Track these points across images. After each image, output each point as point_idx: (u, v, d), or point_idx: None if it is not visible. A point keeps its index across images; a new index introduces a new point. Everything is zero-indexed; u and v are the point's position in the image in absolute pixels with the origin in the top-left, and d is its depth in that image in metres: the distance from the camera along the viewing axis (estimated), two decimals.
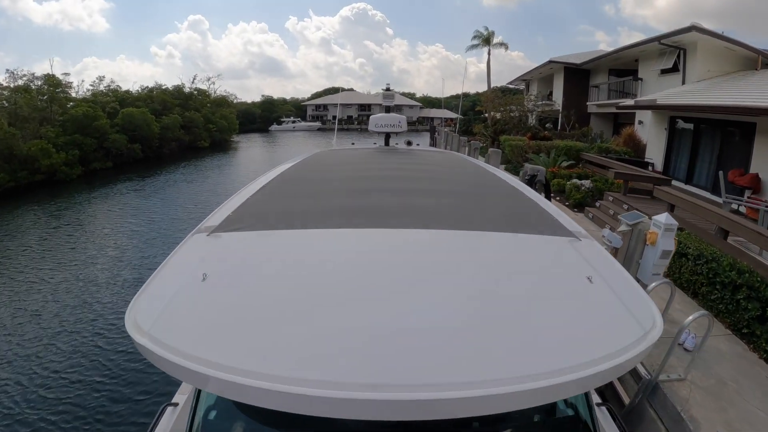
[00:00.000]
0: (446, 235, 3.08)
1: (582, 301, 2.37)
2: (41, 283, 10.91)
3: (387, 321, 2.01)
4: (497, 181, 5.15)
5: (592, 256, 2.88)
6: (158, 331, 2.00)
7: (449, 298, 2.24)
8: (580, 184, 12.50)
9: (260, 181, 4.54)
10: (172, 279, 2.52)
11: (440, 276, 2.48)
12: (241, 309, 2.16)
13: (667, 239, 4.69)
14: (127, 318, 2.17)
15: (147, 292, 2.40)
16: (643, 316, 2.24)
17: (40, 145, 23.71)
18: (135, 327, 2.08)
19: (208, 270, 2.44)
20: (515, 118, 25.34)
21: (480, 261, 2.80)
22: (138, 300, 2.32)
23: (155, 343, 1.93)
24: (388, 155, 6.80)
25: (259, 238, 3.06)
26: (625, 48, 19.92)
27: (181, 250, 2.92)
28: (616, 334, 2.08)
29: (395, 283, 2.35)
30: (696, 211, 7.62)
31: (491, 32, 42.54)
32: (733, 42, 15.10)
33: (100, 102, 34.64)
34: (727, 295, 5.77)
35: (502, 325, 2.08)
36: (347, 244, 2.94)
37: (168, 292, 2.34)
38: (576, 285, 2.50)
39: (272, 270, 2.60)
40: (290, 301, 2.20)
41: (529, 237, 3.15)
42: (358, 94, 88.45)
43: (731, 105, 10.76)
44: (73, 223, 17.04)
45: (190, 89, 50.53)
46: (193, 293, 2.32)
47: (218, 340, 1.93)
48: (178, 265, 2.69)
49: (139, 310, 2.22)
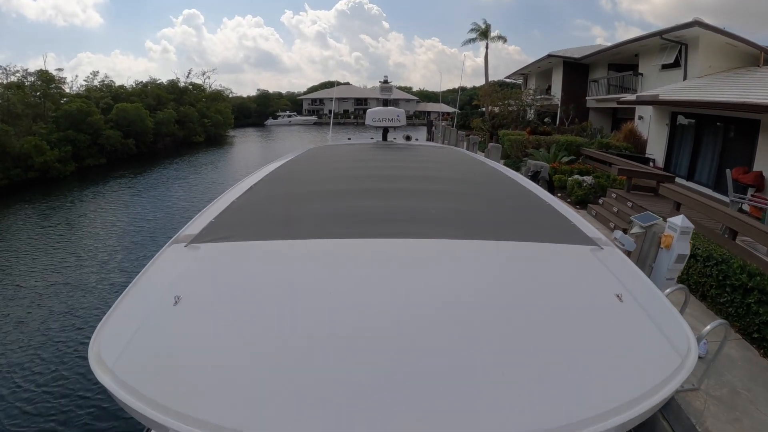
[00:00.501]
0: (454, 246, 2.79)
1: (613, 325, 2.13)
2: (28, 289, 10.51)
3: (390, 366, 1.75)
4: (505, 179, 4.86)
5: (618, 267, 2.63)
6: (123, 368, 1.75)
7: (459, 333, 1.97)
8: (581, 180, 12.32)
9: (248, 182, 4.22)
10: (142, 302, 2.23)
11: (447, 303, 2.19)
12: (217, 345, 1.88)
13: (682, 243, 4.51)
14: (90, 350, 1.89)
15: (113, 318, 2.11)
16: (678, 339, 2.03)
17: (33, 142, 23.34)
18: (98, 362, 1.81)
19: (182, 291, 2.18)
20: (513, 113, 25.14)
21: (494, 279, 2.52)
22: (103, 328, 2.03)
23: (118, 384, 1.68)
24: (387, 151, 6.49)
25: (242, 251, 2.76)
26: (625, 42, 19.74)
27: (154, 264, 2.61)
28: (653, 364, 1.87)
29: (399, 313, 2.06)
30: (704, 210, 7.47)
31: (488, 25, 42.17)
32: (735, 38, 14.93)
33: (94, 97, 34.17)
34: (738, 299, 5.63)
35: (521, 366, 1.81)
36: (346, 259, 2.63)
37: (136, 320, 2.05)
38: (604, 305, 2.25)
39: (257, 293, 2.28)
40: (275, 338, 1.91)
41: (547, 247, 2.88)
42: (354, 88, 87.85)
43: (736, 102, 10.60)
44: (62, 222, 16.67)
45: (185, 84, 49.99)
46: (163, 322, 2.04)
47: (189, 384, 1.68)
48: (150, 284, 2.39)
49: (103, 341, 1.93)
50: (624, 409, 1.60)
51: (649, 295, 2.42)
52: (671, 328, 2.12)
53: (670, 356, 1.91)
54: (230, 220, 3.19)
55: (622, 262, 2.79)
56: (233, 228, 3.03)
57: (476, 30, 42.59)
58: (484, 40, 42.20)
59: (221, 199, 3.71)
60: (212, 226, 3.05)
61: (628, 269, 2.70)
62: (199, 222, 3.13)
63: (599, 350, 1.93)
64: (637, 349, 1.98)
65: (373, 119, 8.16)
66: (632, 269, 2.74)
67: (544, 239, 2.97)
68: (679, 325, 2.17)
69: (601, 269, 2.60)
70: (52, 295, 10.23)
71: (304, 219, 3.18)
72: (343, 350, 1.83)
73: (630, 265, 2.81)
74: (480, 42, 42.56)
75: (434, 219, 3.24)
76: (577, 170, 13.71)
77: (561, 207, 3.81)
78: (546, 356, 1.86)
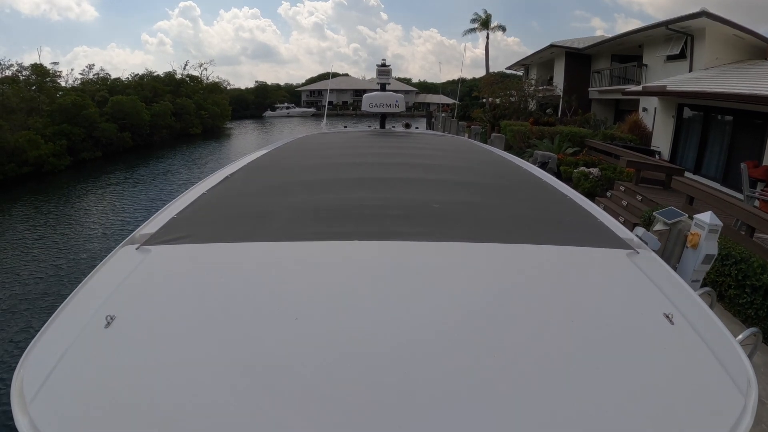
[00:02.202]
0: (464, 250, 2.29)
1: (665, 354, 1.70)
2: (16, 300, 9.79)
3: (375, 417, 1.34)
4: (517, 170, 4.35)
5: (660, 278, 2.18)
6: (39, 410, 1.35)
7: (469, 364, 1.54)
8: (588, 172, 12.05)
9: (223, 172, 3.68)
10: (75, 319, 1.77)
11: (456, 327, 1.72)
12: (150, 379, 1.47)
13: (710, 242, 4.15)
14: (13, 381, 1.50)
15: (43, 340, 1.68)
16: (738, 373, 1.61)
17: (27, 136, 22.96)
18: (18, 396, 1.42)
19: (117, 308, 1.74)
20: (515, 104, 24.80)
21: (515, 294, 2.03)
22: (30, 353, 1.62)
23: (33, 429, 1.30)
24: (384, 138, 5.97)
25: (200, 255, 2.26)
26: (630, 33, 19.43)
27: (100, 271, 2.14)
28: (713, 407, 1.49)
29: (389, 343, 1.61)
30: (719, 205, 7.22)
31: (489, 15, 41.75)
32: (743, 29, 14.65)
33: (89, 91, 33.69)
34: (758, 300, 5.43)
35: (551, 402, 1.42)
36: (322, 271, 2.11)
37: (64, 343, 1.62)
38: (651, 327, 1.81)
39: (207, 314, 1.80)
40: (226, 372, 1.48)
41: (574, 250, 2.40)
42: (352, 79, 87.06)
43: (747, 93, 10.35)
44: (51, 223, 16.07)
45: (182, 76, 49.40)
46: (91, 347, 1.61)
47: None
48: (87, 298, 1.94)
49: (28, 370, 1.53)
50: None
51: (701, 315, 1.98)
52: (729, 359, 1.70)
53: (732, 396, 1.53)
54: (193, 217, 2.70)
55: (664, 271, 2.37)
56: (194, 226, 2.54)
57: (477, 20, 42.23)
58: (484, 30, 41.83)
59: (189, 192, 3.19)
60: (171, 223, 2.56)
61: (672, 281, 2.28)
62: (159, 219, 2.66)
63: (649, 386, 1.53)
64: (694, 386, 1.58)
65: (370, 104, 7.64)
66: (677, 281, 2.32)
67: (571, 242, 2.51)
68: (736, 355, 1.75)
69: (643, 280, 2.17)
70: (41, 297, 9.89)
71: (279, 215, 2.68)
72: (314, 392, 1.41)
73: (673, 275, 2.39)
74: (480, 33, 42.21)
75: (437, 215, 2.74)
76: (582, 162, 13.44)
77: (583, 201, 3.36)
78: (577, 387, 1.49)
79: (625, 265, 2.31)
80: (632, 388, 1.50)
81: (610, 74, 21.62)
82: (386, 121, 7.86)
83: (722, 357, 1.70)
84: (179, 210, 2.77)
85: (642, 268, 2.27)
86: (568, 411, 1.38)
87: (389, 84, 8.29)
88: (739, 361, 1.71)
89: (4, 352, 7.62)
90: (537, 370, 1.54)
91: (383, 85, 8.10)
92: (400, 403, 1.36)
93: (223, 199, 3.08)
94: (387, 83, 8.17)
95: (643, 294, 2.08)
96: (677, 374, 1.63)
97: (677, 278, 2.35)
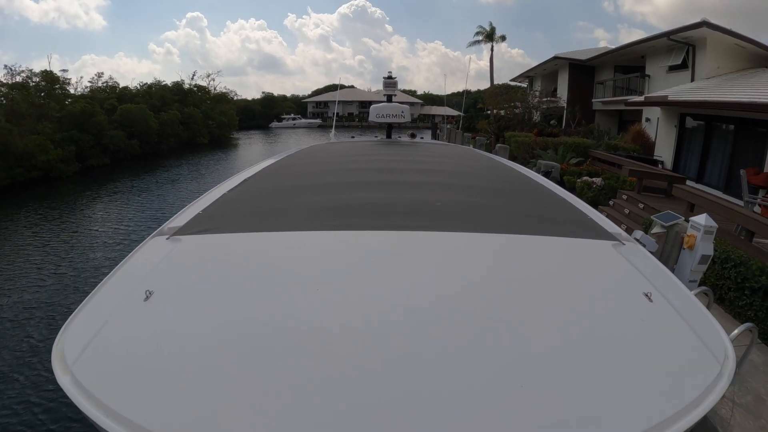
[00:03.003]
0: (463, 239, 2.52)
1: (644, 327, 1.89)
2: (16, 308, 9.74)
3: (384, 367, 1.53)
4: (517, 175, 4.61)
5: (643, 264, 2.39)
6: (82, 369, 1.56)
7: (467, 332, 1.73)
8: (591, 181, 12.15)
9: (241, 176, 4.02)
10: (113, 296, 2.02)
11: (454, 300, 1.94)
12: (187, 345, 1.68)
13: (706, 243, 4.30)
14: (54, 347, 1.71)
15: (82, 314, 1.91)
16: (714, 343, 1.80)
17: (37, 141, 23.32)
18: (60, 360, 1.62)
19: (155, 285, 1.98)
20: (519, 115, 24.97)
21: (508, 275, 2.25)
22: (71, 324, 1.84)
23: (76, 386, 1.48)
24: (391, 147, 6.25)
25: (227, 243, 2.55)
26: (632, 44, 19.57)
27: (133, 257, 2.42)
28: (691, 373, 1.65)
29: (396, 314, 1.81)
30: (719, 211, 7.25)
31: (494, 28, 42.19)
32: (744, 39, 14.73)
33: (98, 98, 34.19)
34: (757, 302, 5.43)
35: (539, 369, 1.57)
36: (338, 253, 2.38)
37: (103, 316, 1.84)
38: (633, 305, 2.00)
39: (238, 289, 2.05)
40: (253, 338, 1.70)
41: (566, 241, 2.61)
42: (358, 91, 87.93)
43: (747, 102, 10.40)
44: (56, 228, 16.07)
45: (190, 85, 50.06)
46: (131, 317, 1.85)
47: (154, 392, 1.47)
48: (125, 278, 2.19)
49: (69, 337, 1.75)
50: (667, 425, 1.39)
51: (679, 294, 2.18)
52: (705, 331, 1.90)
53: (708, 363, 1.70)
54: (217, 213, 2.99)
55: (647, 258, 2.57)
56: (218, 220, 2.83)
57: (482, 32, 42.67)
58: (489, 43, 42.24)
59: (211, 192, 3.53)
60: (198, 218, 2.85)
61: (653, 266, 2.48)
62: (185, 214, 2.95)
63: (630, 356, 1.71)
64: (672, 356, 1.76)
65: (377, 115, 7.90)
66: (658, 266, 2.52)
67: (561, 233, 2.72)
68: (713, 327, 1.95)
69: (626, 265, 2.36)
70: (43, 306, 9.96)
71: (295, 211, 2.94)
72: (330, 352, 1.61)
73: (655, 262, 2.59)
74: (484, 45, 42.64)
75: (439, 211, 2.96)
76: (586, 171, 13.53)
77: (577, 201, 3.59)
78: (568, 360, 1.64)
79: (611, 254, 2.49)
80: (615, 360, 1.65)
81: (614, 85, 21.74)
82: (392, 132, 8.05)
83: (699, 329, 1.88)
84: (203, 207, 3.06)
85: (626, 256, 2.46)
86: (557, 380, 1.52)
87: (395, 95, 8.54)
88: (715, 333, 1.89)
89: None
90: (529, 340, 1.72)
91: (389, 96, 8.35)
92: (407, 351, 1.60)
93: (244, 198, 3.37)
94: (393, 95, 8.42)
95: (625, 277, 2.26)
96: (656, 345, 1.80)
97: (658, 264, 2.54)
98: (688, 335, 1.85)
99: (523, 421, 1.36)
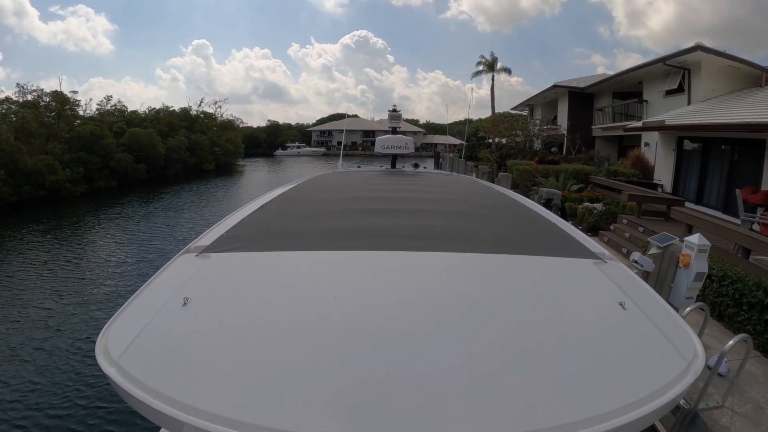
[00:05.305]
0: (457, 258, 2.86)
1: (616, 330, 2.14)
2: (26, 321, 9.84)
3: (391, 365, 1.78)
4: (512, 202, 4.93)
5: (622, 279, 2.66)
6: (128, 361, 1.79)
7: (458, 334, 2.00)
8: (592, 207, 12.31)
9: (259, 201, 4.40)
10: (152, 302, 2.31)
11: (449, 308, 2.25)
12: (224, 341, 1.98)
13: (700, 261, 4.47)
14: (98, 344, 1.95)
15: (123, 316, 2.18)
16: (684, 345, 2.03)
17: (46, 161, 23.76)
18: (104, 355, 1.87)
19: (191, 294, 2.26)
20: (521, 143, 25.34)
21: (496, 287, 2.58)
22: (112, 325, 2.10)
23: (123, 375, 1.71)
24: (395, 177, 6.63)
25: (251, 260, 2.88)
26: (629, 70, 20.02)
27: (166, 271, 2.72)
28: (657, 367, 1.86)
29: (398, 318, 2.12)
30: (716, 231, 7.32)
31: (495, 58, 43.25)
32: (737, 60, 15.11)
33: (107, 121, 34.90)
34: (755, 316, 5.45)
35: (521, 368, 1.81)
36: (347, 268, 2.73)
37: (144, 318, 2.11)
38: (607, 312, 2.27)
39: (263, 297, 2.40)
40: (283, 338, 2.00)
41: (550, 260, 2.93)
42: (362, 120, 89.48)
43: (741, 122, 10.60)
44: (64, 246, 16.33)
45: (197, 112, 51.13)
46: (172, 320, 2.12)
47: (198, 380, 1.71)
48: (161, 288, 2.50)
49: (112, 336, 2.01)
50: (624, 411, 1.55)
51: (653, 303, 2.43)
52: (676, 334, 2.12)
53: (675, 360, 1.90)
54: (240, 234, 3.31)
55: (626, 274, 2.80)
56: (242, 240, 3.14)
57: (483, 63, 43.73)
58: (490, 72, 43.22)
59: (232, 216, 3.86)
60: (222, 238, 3.17)
61: (631, 280, 2.73)
62: (210, 235, 3.28)
63: (601, 355, 1.93)
64: (641, 354, 1.98)
65: (383, 146, 8.30)
66: (635, 280, 2.77)
67: (546, 253, 3.01)
68: (683, 330, 2.17)
69: (604, 280, 2.62)
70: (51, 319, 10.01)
71: (310, 233, 3.29)
72: (341, 347, 1.91)
73: (633, 276, 2.83)
74: (485, 75, 43.61)
75: (438, 234, 3.32)
76: (587, 198, 13.67)
77: (565, 225, 3.85)
78: (546, 360, 1.86)
79: (591, 270, 2.77)
80: (587, 356, 1.91)
81: (612, 111, 22.11)
82: (396, 162, 8.31)
83: (668, 332, 2.12)
84: (226, 229, 3.41)
85: (605, 272, 2.73)
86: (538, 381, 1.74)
87: (400, 127, 9.05)
88: (685, 335, 2.12)
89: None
90: (515, 346, 1.97)
91: (394, 128, 8.80)
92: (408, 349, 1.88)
93: (262, 221, 3.74)
94: (398, 127, 8.88)
95: (602, 289, 2.53)
96: (625, 345, 2.05)
97: (637, 279, 2.81)
98: (657, 336, 2.07)
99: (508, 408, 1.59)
